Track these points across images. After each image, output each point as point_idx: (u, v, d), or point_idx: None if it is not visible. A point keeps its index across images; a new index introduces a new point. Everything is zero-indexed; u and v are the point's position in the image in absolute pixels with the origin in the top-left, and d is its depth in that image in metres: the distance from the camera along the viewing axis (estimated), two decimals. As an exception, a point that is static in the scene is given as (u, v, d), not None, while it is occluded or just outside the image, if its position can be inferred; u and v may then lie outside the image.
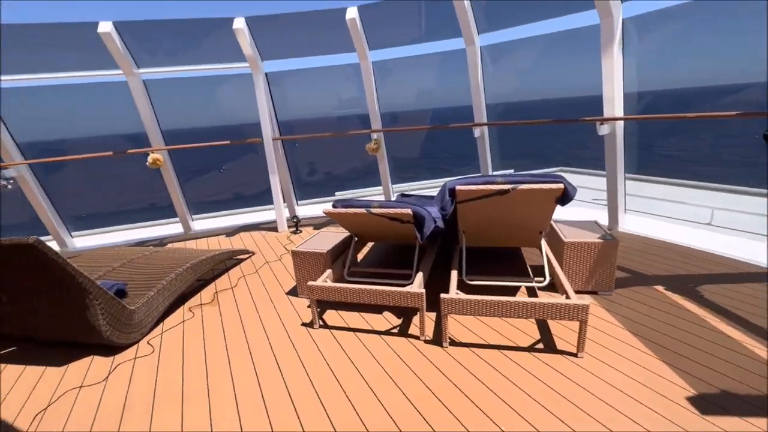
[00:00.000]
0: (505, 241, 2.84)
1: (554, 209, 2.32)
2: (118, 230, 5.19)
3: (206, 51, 4.29)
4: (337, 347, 2.35)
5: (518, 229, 2.59)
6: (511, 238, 2.77)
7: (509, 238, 2.78)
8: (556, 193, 2.15)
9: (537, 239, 2.63)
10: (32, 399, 2.11)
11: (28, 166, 4.19)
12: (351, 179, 6.39)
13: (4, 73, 3.79)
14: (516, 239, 2.78)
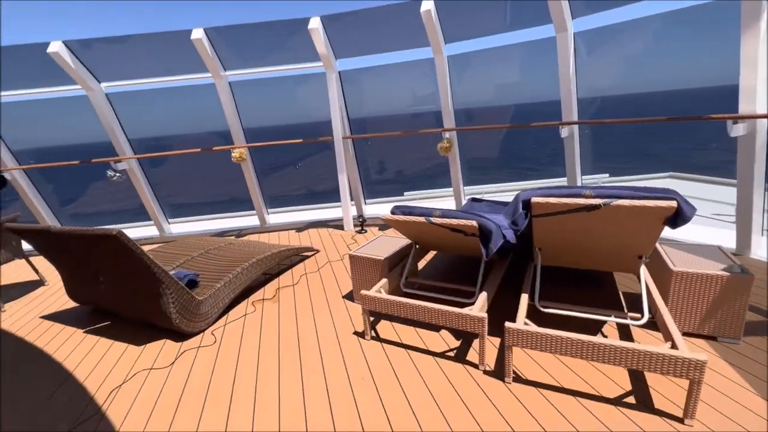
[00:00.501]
0: (592, 263, 2.39)
1: (660, 231, 1.86)
2: (206, 219, 5.70)
3: (285, 51, 4.43)
4: (385, 363, 2.19)
5: (610, 251, 2.14)
6: (600, 261, 2.32)
7: (598, 261, 2.33)
8: (665, 212, 1.70)
9: (635, 265, 2.15)
10: (112, 374, 2.33)
11: (136, 160, 4.78)
12: (422, 179, 6.18)
13: (115, 79, 4.35)
14: (606, 262, 2.32)
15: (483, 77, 5.13)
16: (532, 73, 5.16)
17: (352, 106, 5.03)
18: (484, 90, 5.31)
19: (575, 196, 1.86)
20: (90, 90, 4.21)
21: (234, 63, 4.36)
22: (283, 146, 5.17)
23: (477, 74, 5.02)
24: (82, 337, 2.80)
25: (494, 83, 5.33)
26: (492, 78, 5.22)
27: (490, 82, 5.30)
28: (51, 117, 4.96)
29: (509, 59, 4.82)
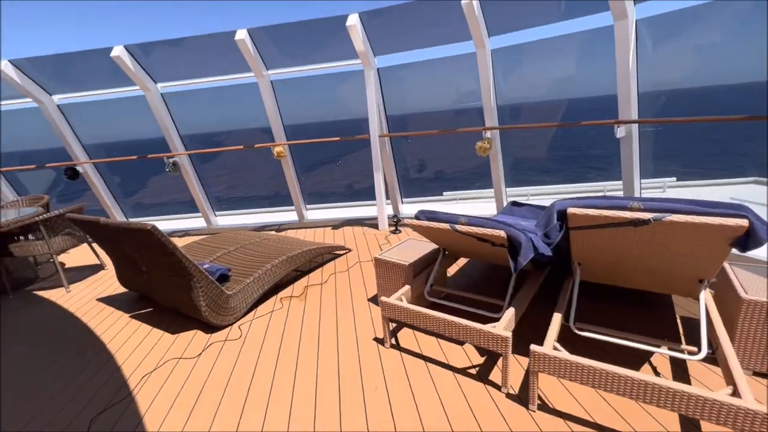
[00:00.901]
0: (642, 284, 2.11)
1: (727, 254, 1.57)
2: (250, 213, 5.94)
3: (326, 49, 4.44)
4: (402, 374, 2.10)
5: (664, 272, 1.86)
6: (650, 282, 2.04)
7: (648, 281, 2.04)
8: (732, 232, 1.43)
9: (694, 289, 1.86)
10: (146, 360, 2.48)
11: (187, 155, 5.07)
12: (462, 179, 5.94)
13: (171, 79, 4.63)
14: (659, 284, 2.03)
15: (533, 71, 4.78)
16: (589, 65, 4.72)
17: (393, 103, 4.94)
18: (533, 85, 4.95)
19: (620, 209, 1.62)
20: (147, 90, 4.53)
21: (276, 62, 4.45)
22: (327, 143, 5.21)
23: (526, 68, 4.69)
24: (127, 322, 3.02)
25: (545, 77, 4.95)
26: (543, 72, 4.85)
27: (540, 76, 4.93)
28: (117, 115, 5.42)
29: (563, 51, 4.44)
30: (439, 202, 5.67)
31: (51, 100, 4.75)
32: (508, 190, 4.91)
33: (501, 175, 4.48)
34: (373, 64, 4.24)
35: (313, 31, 4.22)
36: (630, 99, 3.25)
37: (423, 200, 5.66)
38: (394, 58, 4.50)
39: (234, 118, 6.28)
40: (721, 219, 1.41)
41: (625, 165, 3.56)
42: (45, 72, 4.56)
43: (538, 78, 4.93)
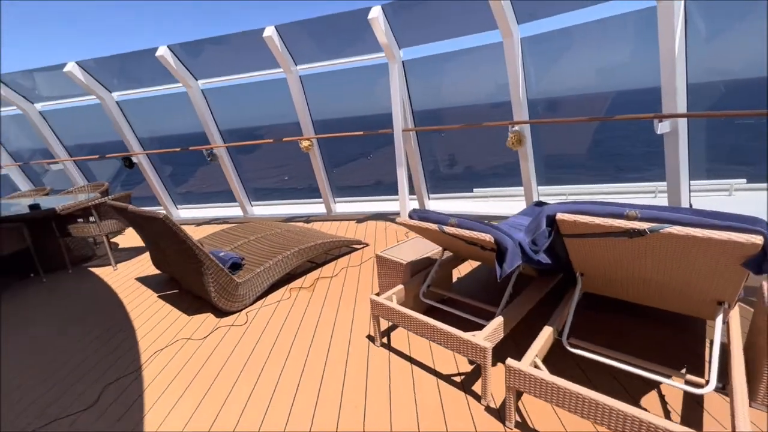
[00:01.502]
0: (651, 300, 1.87)
1: (743, 274, 1.33)
2: (282, 204, 6.18)
3: (354, 43, 4.43)
4: (385, 375, 2.07)
5: (674, 289, 1.63)
6: (660, 299, 1.80)
7: (657, 298, 1.81)
8: (743, 250, 1.21)
9: (711, 311, 1.61)
10: (161, 338, 2.69)
11: (225, 148, 5.38)
12: (493, 175, 5.66)
13: (212, 76, 4.91)
14: (673, 303, 1.79)
15: (575, 60, 4.40)
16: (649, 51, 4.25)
17: (425, 96, 4.84)
18: (575, 75, 4.56)
19: (614, 216, 1.44)
20: (189, 87, 4.86)
21: (305, 57, 4.54)
22: (361, 137, 5.24)
23: (568, 56, 4.33)
24: (154, 301, 3.30)
25: (590, 66, 4.53)
26: (588, 60, 4.45)
27: (584, 66, 4.52)
28: (170, 110, 5.88)
29: (612, 36, 4.03)
30: (468, 199, 5.47)
31: (111, 96, 5.28)
32: (542, 188, 4.61)
33: (531, 173, 4.21)
34: (397, 57, 4.16)
35: (340, 25, 4.23)
36: (675, 90, 2.87)
37: (451, 196, 5.50)
38: (423, 50, 4.37)
39: (275, 112, 6.53)
40: (729, 234, 1.20)
41: (669, 164, 3.17)
42: (106, 71, 5.07)
43: (582, 68, 4.53)
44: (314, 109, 5.11)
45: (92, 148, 6.43)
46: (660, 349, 2.00)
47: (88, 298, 3.52)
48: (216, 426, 1.84)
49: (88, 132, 6.30)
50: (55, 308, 3.36)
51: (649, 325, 2.20)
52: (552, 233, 1.63)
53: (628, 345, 2.03)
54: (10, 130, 6.39)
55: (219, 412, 1.93)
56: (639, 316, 2.26)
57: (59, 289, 3.78)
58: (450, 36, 4.08)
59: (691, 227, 1.27)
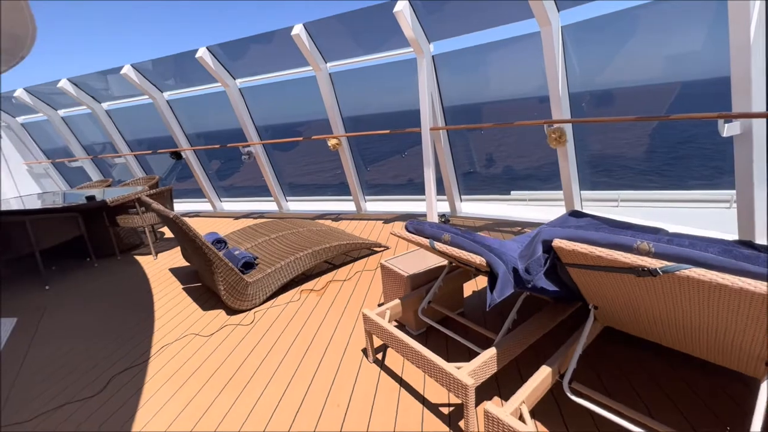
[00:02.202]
0: (680, 345, 1.53)
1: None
2: (314, 200, 6.25)
3: (383, 38, 4.28)
4: (369, 395, 1.95)
5: (704, 339, 1.31)
6: (692, 346, 1.46)
7: (688, 345, 1.47)
8: None
9: (758, 370, 1.27)
10: (173, 331, 2.81)
11: (261, 145, 5.53)
12: (534, 177, 5.21)
13: (251, 74, 5.04)
14: (704, 352, 1.44)
15: (629, 47, 3.86)
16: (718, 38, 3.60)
17: (460, 90, 4.56)
18: (631, 64, 4.00)
19: (621, 249, 1.18)
20: (227, 86, 5.04)
21: (337, 54, 4.48)
22: (394, 134, 5.11)
23: (617, 44, 3.81)
24: (178, 293, 3.47)
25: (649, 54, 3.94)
26: (645, 47, 3.87)
27: (641, 53, 3.94)
28: (213, 107, 6.18)
29: (669, 20, 3.47)
30: (504, 203, 5.10)
31: (162, 96, 5.66)
32: (587, 193, 4.16)
33: (572, 175, 3.79)
34: (425, 51, 3.93)
35: (371, 19, 4.10)
36: (750, 83, 2.35)
37: (487, 199, 5.17)
38: (457, 42, 4.09)
39: (317, 108, 6.57)
40: (750, 284, 0.90)
41: (739, 172, 2.64)
42: (158, 72, 5.44)
43: (643, 55, 3.95)
44: (348, 105, 5.07)
45: (150, 142, 6.98)
46: (699, 404, 1.65)
47: (126, 284, 3.80)
48: (198, 426, 1.86)
49: (147, 128, 6.84)
50: (96, 292, 3.68)
51: (689, 369, 1.83)
52: (549, 261, 1.38)
53: (658, 393, 1.71)
54: (86, 126, 7.15)
55: (204, 413, 1.95)
56: (678, 357, 1.90)
57: (105, 274, 4.14)
58: (485, 26, 3.77)
59: (717, 271, 0.98)
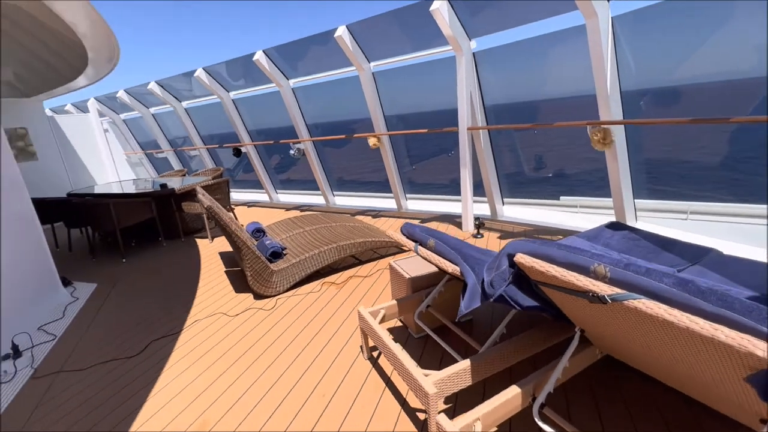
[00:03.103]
0: (671, 380, 1.34)
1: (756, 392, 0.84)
2: (358, 196, 6.42)
3: (420, 37, 4.23)
4: (354, 391, 2.01)
5: (690, 378, 1.14)
6: (683, 385, 1.27)
7: (679, 383, 1.28)
8: (741, 358, 0.76)
9: (750, 421, 1.08)
10: (206, 308, 3.14)
11: (311, 141, 5.84)
12: (586, 182, 4.74)
13: (303, 75, 5.33)
14: (697, 393, 1.24)
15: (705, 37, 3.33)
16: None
17: (506, 89, 4.36)
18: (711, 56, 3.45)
19: (576, 270, 1.08)
20: (281, 86, 5.39)
21: (381, 53, 4.54)
22: (441, 132, 5.07)
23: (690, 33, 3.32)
24: (220, 274, 3.86)
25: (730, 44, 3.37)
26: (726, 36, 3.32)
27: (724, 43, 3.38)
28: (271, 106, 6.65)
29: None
30: (552, 208, 4.75)
31: (228, 95, 6.25)
32: (644, 202, 3.74)
33: (623, 183, 3.43)
34: (465, 49, 3.81)
35: (412, 18, 4.08)
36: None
37: (532, 203, 4.86)
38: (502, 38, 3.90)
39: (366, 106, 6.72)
40: (713, 329, 0.77)
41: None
42: (225, 74, 6.01)
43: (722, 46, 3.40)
44: (394, 103, 5.13)
45: (221, 137, 7.74)
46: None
47: (183, 263, 4.32)
48: (204, 395, 2.08)
49: (218, 124, 7.59)
50: (159, 268, 4.24)
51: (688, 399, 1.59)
52: (512, 275, 1.30)
53: (652, 420, 1.51)
54: (171, 122, 8.16)
55: (210, 384, 2.18)
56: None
57: (170, 253, 4.74)
58: (528, 20, 3.53)
59: (666, 305, 0.86)
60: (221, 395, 2.08)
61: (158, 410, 2.01)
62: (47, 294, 3.47)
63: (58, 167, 7.29)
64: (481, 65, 4.02)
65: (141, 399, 2.11)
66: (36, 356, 2.70)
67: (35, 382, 2.42)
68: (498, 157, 4.53)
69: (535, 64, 4.21)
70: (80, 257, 4.95)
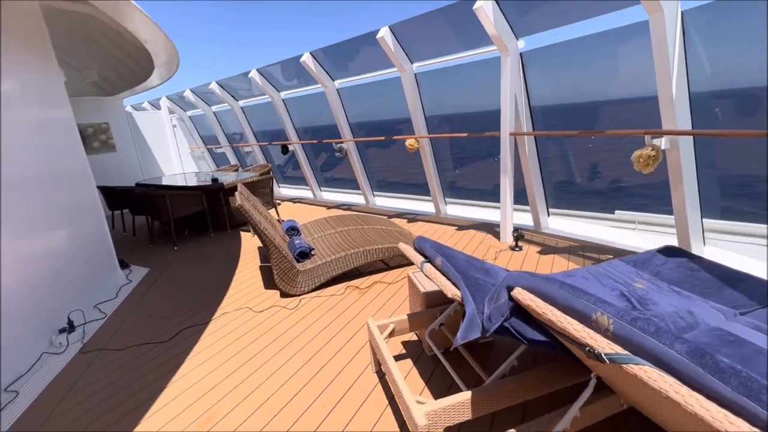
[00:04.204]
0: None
1: None
2: (397, 197, 6.34)
3: (464, 37, 4.03)
4: (355, 406, 1.96)
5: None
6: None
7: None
8: None
9: None
10: (235, 302, 3.28)
11: (353, 142, 5.87)
12: (647, 196, 4.20)
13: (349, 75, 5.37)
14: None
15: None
16: None
17: (557, 91, 4.04)
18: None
19: (578, 316, 0.92)
20: (326, 87, 5.48)
21: (419, 54, 4.43)
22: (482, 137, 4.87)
23: None
24: (254, 268, 4.02)
25: None
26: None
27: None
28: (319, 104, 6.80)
29: None
30: (605, 223, 4.31)
31: (279, 95, 6.50)
32: (715, 223, 3.27)
33: (688, 200, 3.00)
34: (511, 49, 3.56)
35: (454, 18, 3.91)
36: None
37: (582, 215, 4.45)
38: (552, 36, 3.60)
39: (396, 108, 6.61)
40: (712, 410, 0.60)
41: None
42: (276, 75, 6.25)
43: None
44: (440, 103, 4.99)
45: (273, 134, 8.09)
46: None
47: (225, 254, 4.57)
48: (218, 387, 2.16)
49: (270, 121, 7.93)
50: (205, 257, 4.53)
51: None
52: (512, 311, 1.16)
53: None
54: (229, 119, 8.70)
55: (226, 377, 2.25)
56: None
57: (216, 244, 5.05)
58: (584, 17, 3.21)
59: (673, 377, 0.69)
60: (229, 393, 2.14)
61: (170, 401, 2.12)
62: (105, 275, 3.85)
63: (133, 158, 8.11)
64: (528, 66, 3.74)
65: (160, 386, 2.24)
66: (87, 332, 3.00)
67: (82, 356, 2.69)
68: (545, 163, 4.20)
69: (590, 63, 3.83)
70: (140, 243, 5.46)
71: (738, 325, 1.68)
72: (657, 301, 1.93)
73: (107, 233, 3.93)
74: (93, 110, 7.31)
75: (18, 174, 2.76)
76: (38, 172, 3.03)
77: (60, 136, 3.43)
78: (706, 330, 1.59)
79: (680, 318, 1.76)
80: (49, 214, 3.12)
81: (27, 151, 2.94)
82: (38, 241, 2.95)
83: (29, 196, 2.89)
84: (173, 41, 4.11)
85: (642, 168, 2.85)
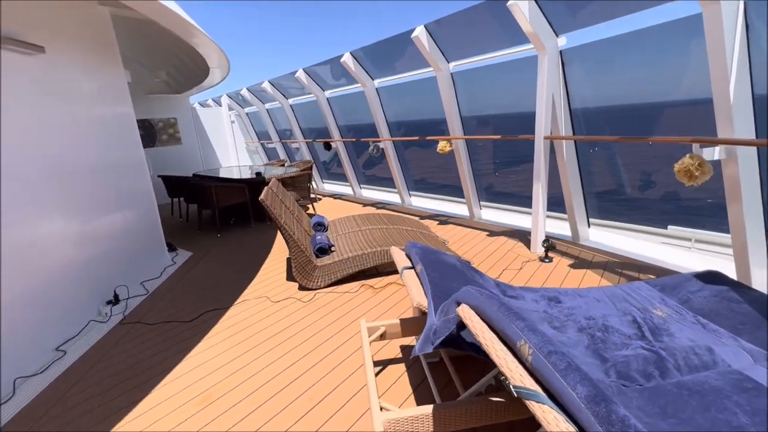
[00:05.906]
0: None
1: None
2: (432, 198, 6.25)
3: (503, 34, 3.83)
4: (340, 404, 1.99)
5: None
6: None
7: None
8: None
9: None
10: (257, 291, 3.47)
11: (391, 141, 5.89)
12: (706, 211, 3.66)
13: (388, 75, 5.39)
14: None
15: None
16: None
17: (602, 92, 3.73)
18: None
19: (502, 337, 0.86)
20: (365, 86, 5.55)
21: (455, 54, 4.31)
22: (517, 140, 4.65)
23: None
24: (281, 260, 4.21)
25: None
26: None
27: None
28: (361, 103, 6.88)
29: None
30: (654, 238, 3.88)
31: (323, 94, 6.70)
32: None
33: (750, 219, 2.61)
34: (548, 48, 3.33)
35: (491, 16, 3.74)
36: None
37: (629, 228, 4.04)
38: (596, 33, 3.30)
39: (428, 108, 6.43)
40: None
41: None
42: (321, 74, 6.45)
43: None
44: (479, 103, 4.84)
45: (319, 132, 8.37)
46: None
47: (260, 244, 4.85)
48: (223, 369, 2.32)
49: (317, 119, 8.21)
50: (243, 245, 4.84)
51: None
52: (458, 326, 1.10)
53: None
54: (280, 116, 9.15)
55: (231, 360, 2.41)
56: None
57: (254, 234, 5.38)
58: (630, 11, 2.90)
59: (562, 422, 0.62)
60: (228, 376, 2.27)
61: (179, 377, 2.31)
62: (153, 255, 4.27)
63: (196, 151, 8.88)
64: (569, 64, 3.48)
65: (173, 362, 2.45)
66: (129, 306, 3.36)
67: (120, 327, 3.03)
68: (590, 166, 3.88)
69: (639, 62, 3.45)
70: (190, 228, 5.97)
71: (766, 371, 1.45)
72: (674, 333, 1.73)
73: (158, 219, 4.36)
74: (163, 106, 8.11)
75: (84, 164, 3.18)
76: (99, 162, 3.45)
77: (122, 131, 3.87)
78: (723, 372, 1.40)
79: (695, 355, 1.58)
80: (108, 200, 3.54)
81: (92, 143, 3.37)
82: (97, 222, 3.36)
83: (93, 183, 3.31)
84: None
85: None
